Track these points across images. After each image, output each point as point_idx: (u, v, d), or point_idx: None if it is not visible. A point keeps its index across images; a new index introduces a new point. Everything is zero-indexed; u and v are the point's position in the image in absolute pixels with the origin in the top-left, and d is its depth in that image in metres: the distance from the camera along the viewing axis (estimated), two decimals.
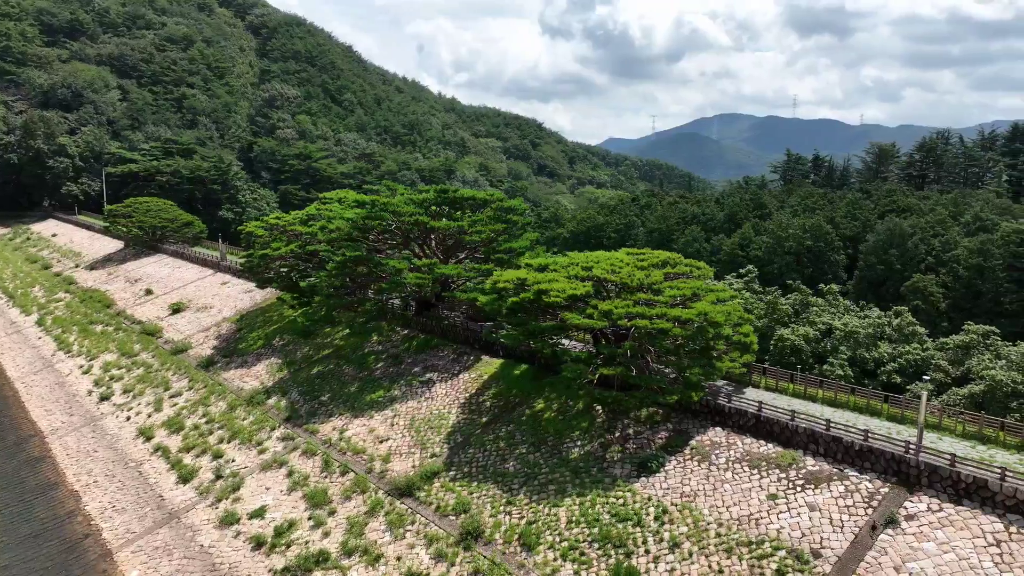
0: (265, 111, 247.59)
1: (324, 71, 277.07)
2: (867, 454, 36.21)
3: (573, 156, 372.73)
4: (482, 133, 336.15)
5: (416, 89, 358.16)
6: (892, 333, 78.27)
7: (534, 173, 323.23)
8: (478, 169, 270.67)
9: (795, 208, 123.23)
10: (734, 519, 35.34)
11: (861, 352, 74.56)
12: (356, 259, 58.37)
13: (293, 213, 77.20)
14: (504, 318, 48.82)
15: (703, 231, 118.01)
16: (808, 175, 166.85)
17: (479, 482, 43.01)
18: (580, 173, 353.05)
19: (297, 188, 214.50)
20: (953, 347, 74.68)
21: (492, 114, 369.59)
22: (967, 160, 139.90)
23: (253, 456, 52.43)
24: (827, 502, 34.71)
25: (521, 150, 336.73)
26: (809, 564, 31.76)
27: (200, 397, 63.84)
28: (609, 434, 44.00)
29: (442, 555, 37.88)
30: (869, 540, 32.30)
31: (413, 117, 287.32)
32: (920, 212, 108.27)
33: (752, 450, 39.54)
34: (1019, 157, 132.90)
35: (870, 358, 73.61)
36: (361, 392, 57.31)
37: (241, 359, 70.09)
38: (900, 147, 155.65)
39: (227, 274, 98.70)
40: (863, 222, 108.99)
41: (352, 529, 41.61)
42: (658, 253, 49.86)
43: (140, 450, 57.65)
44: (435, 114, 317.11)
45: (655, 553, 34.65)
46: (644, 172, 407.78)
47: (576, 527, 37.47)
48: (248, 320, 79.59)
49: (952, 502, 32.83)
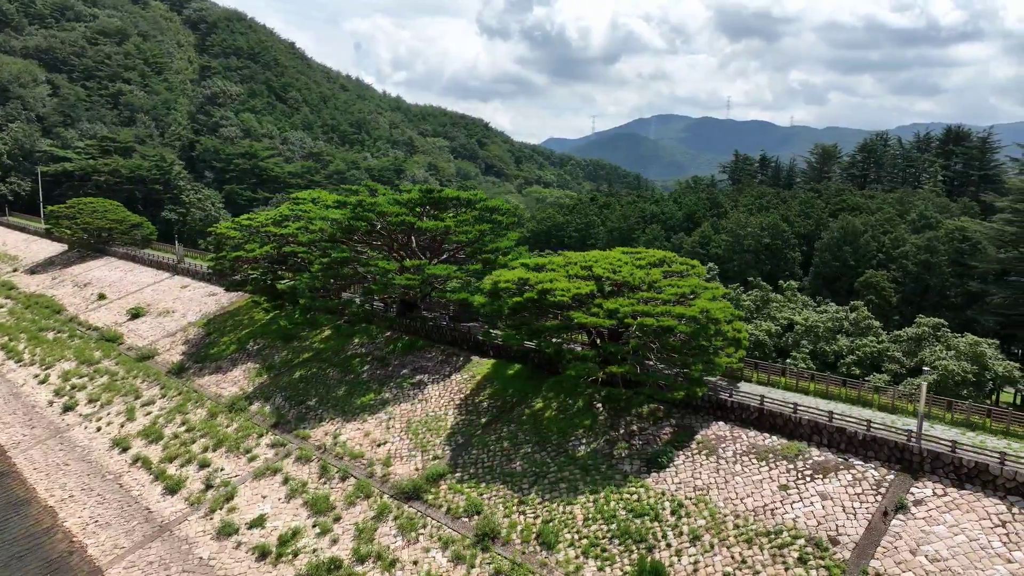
0: (207, 108, 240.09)
1: (268, 68, 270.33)
2: (870, 443, 37.76)
3: (519, 156, 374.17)
4: (428, 132, 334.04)
5: (361, 87, 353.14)
6: (849, 327, 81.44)
7: (482, 173, 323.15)
8: (427, 169, 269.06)
9: (749, 207, 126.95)
10: (749, 510, 36.35)
11: (821, 345, 77.52)
12: (343, 260, 57.36)
13: (264, 213, 75.23)
14: (505, 318, 48.77)
15: (663, 230, 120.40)
16: (755, 175, 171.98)
17: (487, 483, 42.96)
18: (527, 173, 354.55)
19: (243, 188, 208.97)
20: (906, 339, 78.40)
21: (438, 113, 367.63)
22: (905, 161, 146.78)
23: (243, 464, 50.99)
24: (837, 491, 36.06)
25: (468, 150, 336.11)
26: (828, 551, 32.96)
27: (176, 405, 61.65)
28: (613, 431, 44.57)
29: (460, 557, 37.72)
30: (882, 526, 33.73)
31: (360, 116, 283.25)
32: (868, 211, 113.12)
33: (757, 443, 40.72)
34: (952, 159, 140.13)
35: (830, 351, 76.53)
36: (350, 395, 56.39)
37: (215, 365, 67.96)
38: (831, 148, 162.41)
39: (186, 277, 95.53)
40: (816, 220, 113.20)
41: (361, 535, 40.99)
42: (653, 252, 50.77)
43: (117, 461, 55.32)
44: (381, 113, 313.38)
45: (676, 547, 35.35)
46: (588, 172, 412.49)
47: (594, 524, 37.87)
48: (216, 324, 77.20)
49: (955, 487, 34.58)
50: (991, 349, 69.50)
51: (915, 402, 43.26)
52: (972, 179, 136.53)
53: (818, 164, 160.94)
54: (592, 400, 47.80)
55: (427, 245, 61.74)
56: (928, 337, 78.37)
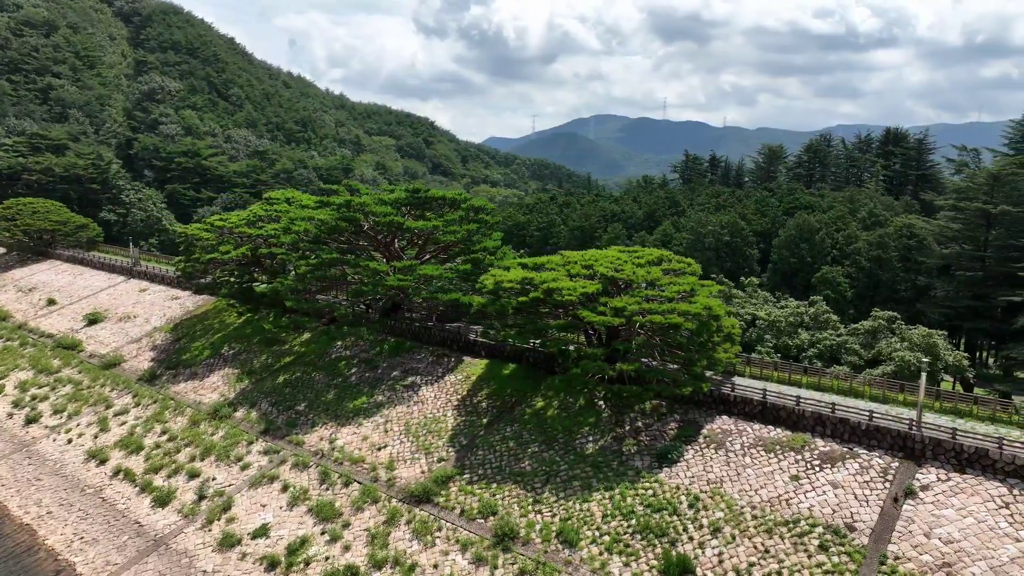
0: (145, 105, 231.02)
1: (207, 64, 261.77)
2: (873, 433, 39.36)
3: (465, 155, 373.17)
4: (374, 131, 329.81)
5: (303, 85, 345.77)
6: (809, 321, 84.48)
7: (429, 172, 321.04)
8: (375, 167, 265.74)
9: (705, 206, 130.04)
10: (765, 501, 37.40)
11: (784, 339, 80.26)
12: (332, 261, 56.26)
13: (236, 214, 73.00)
14: (508, 318, 48.74)
15: (624, 228, 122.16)
16: (706, 174, 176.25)
17: (498, 483, 42.90)
18: (473, 172, 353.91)
19: (186, 188, 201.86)
20: (863, 332, 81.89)
21: (383, 112, 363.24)
22: (848, 161, 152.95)
23: (236, 473, 49.48)
24: (847, 479, 37.46)
25: (414, 149, 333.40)
26: (847, 537, 34.22)
27: (153, 413, 59.31)
28: (619, 428, 45.14)
29: (481, 559, 37.58)
30: (894, 511, 35.23)
31: (305, 114, 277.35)
32: (820, 209, 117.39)
33: (763, 435, 41.91)
34: (891, 159, 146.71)
35: (792, 345, 79.28)
36: (341, 399, 55.38)
37: (190, 371, 65.66)
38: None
39: (143, 280, 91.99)
40: (772, 218, 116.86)
41: (374, 540, 40.37)
42: (650, 251, 51.57)
43: (96, 474, 52.89)
44: (326, 111, 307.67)
45: (699, 539, 36.09)
46: (533, 171, 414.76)
47: (613, 520, 38.29)
48: (185, 329, 74.57)
49: (957, 471, 36.38)
50: (942, 340, 73.58)
51: (875, 388, 46.26)
52: (910, 178, 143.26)
53: (765, 164, 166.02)
54: (594, 398, 48.28)
55: (416, 245, 61.12)
56: (883, 330, 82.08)
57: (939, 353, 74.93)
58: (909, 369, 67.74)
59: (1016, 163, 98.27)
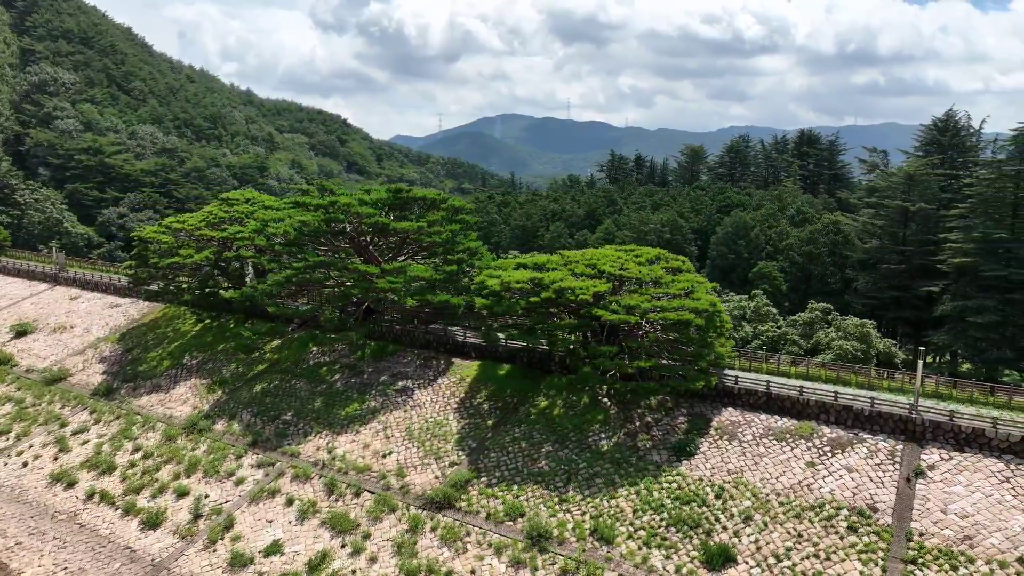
0: (35, 97, 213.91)
1: (105, 55, 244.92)
2: (876, 418, 41.90)
3: (380, 153, 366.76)
4: (286, 129, 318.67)
5: (208, 79, 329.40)
6: (751, 314, 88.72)
7: (344, 171, 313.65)
8: (291, 166, 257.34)
9: (641, 204, 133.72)
10: (787, 488, 39.12)
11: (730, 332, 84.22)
12: (316, 264, 54.28)
13: (193, 216, 68.98)
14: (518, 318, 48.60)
15: (566, 227, 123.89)
16: (632, 173, 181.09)
17: (519, 485, 42.80)
18: (389, 171, 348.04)
19: (89, 187, 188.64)
20: (802, 323, 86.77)
21: (293, 108, 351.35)
22: (767, 161, 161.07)
23: (230, 488, 47.01)
24: (859, 463, 39.73)
25: (328, 147, 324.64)
26: (871, 518, 36.32)
27: (119, 430, 55.40)
28: (629, 424, 45.99)
29: (519, 561, 37.42)
30: (909, 490, 37.69)
31: (214, 110, 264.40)
32: (751, 207, 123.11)
33: (771, 425, 43.78)
34: (807, 159, 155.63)
35: (737, 337, 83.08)
36: (330, 407, 53.59)
37: (151, 383, 61.69)
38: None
39: (72, 287, 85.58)
40: (707, 216, 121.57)
41: (401, 550, 39.42)
42: (647, 250, 52.66)
43: (65, 499, 48.95)
44: (235, 107, 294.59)
45: (732, 528, 37.34)
46: (448, 169, 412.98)
47: (644, 515, 39.02)
48: (134, 339, 69.96)
49: (957, 451, 39.29)
50: (873, 329, 79.28)
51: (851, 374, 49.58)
52: (824, 177, 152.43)
53: (688, 163, 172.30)
54: (597, 396, 48.95)
55: (400, 247, 59.88)
56: (819, 321, 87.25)
57: (872, 341, 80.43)
58: (846, 357, 72.48)
59: (928, 164, 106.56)
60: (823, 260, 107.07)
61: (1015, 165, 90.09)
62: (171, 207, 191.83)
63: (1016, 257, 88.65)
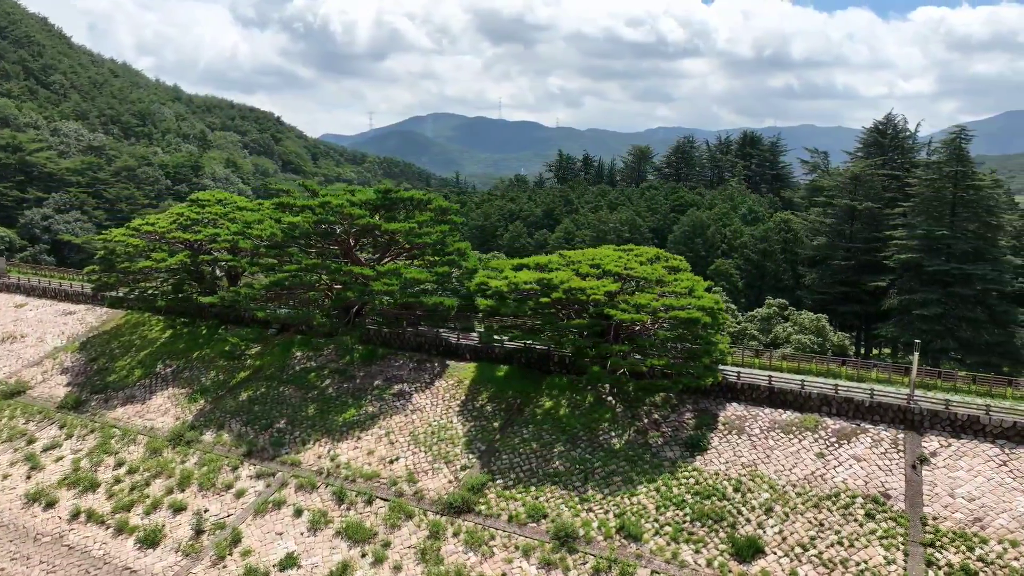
0: None
1: (20, 45, 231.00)
2: (876, 408, 43.74)
3: (316, 152, 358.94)
4: (217, 126, 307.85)
5: (132, 74, 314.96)
6: None
7: (280, 170, 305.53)
8: (226, 165, 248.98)
9: (595, 204, 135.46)
10: (802, 479, 40.42)
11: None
12: (309, 267, 52.72)
13: (161, 218, 65.74)
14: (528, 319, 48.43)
15: (525, 227, 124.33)
16: (580, 173, 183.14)
17: (536, 486, 42.73)
18: (326, 170, 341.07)
19: (8, 187, 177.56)
20: (760, 318, 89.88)
21: (224, 105, 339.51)
22: (712, 161, 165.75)
23: (230, 501, 45.17)
24: (866, 452, 41.42)
25: (262, 145, 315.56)
26: (886, 504, 37.92)
27: (96, 444, 52.44)
28: (638, 421, 46.57)
29: (549, 562, 37.38)
30: (916, 477, 39.53)
31: (142, 106, 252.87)
32: (704, 206, 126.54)
33: (776, 418, 45.13)
34: (750, 160, 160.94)
35: None
36: (325, 413, 52.17)
37: (125, 394, 58.62)
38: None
39: (17, 294, 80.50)
40: (663, 215, 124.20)
41: (425, 557, 38.78)
42: (645, 249, 53.39)
43: (46, 520, 46.00)
44: (164, 103, 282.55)
45: (756, 520, 38.32)
46: (385, 169, 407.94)
47: (667, 511, 39.59)
48: (97, 347, 66.30)
49: (954, 437, 41.43)
50: (827, 323, 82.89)
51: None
52: (766, 177, 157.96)
53: (635, 164, 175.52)
54: (601, 394, 49.37)
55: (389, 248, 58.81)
56: (776, 316, 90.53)
57: (827, 334, 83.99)
58: (804, 350, 75.60)
59: (872, 165, 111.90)
60: (776, 257, 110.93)
61: (953, 167, 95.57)
62: (100, 208, 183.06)
63: (955, 253, 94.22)
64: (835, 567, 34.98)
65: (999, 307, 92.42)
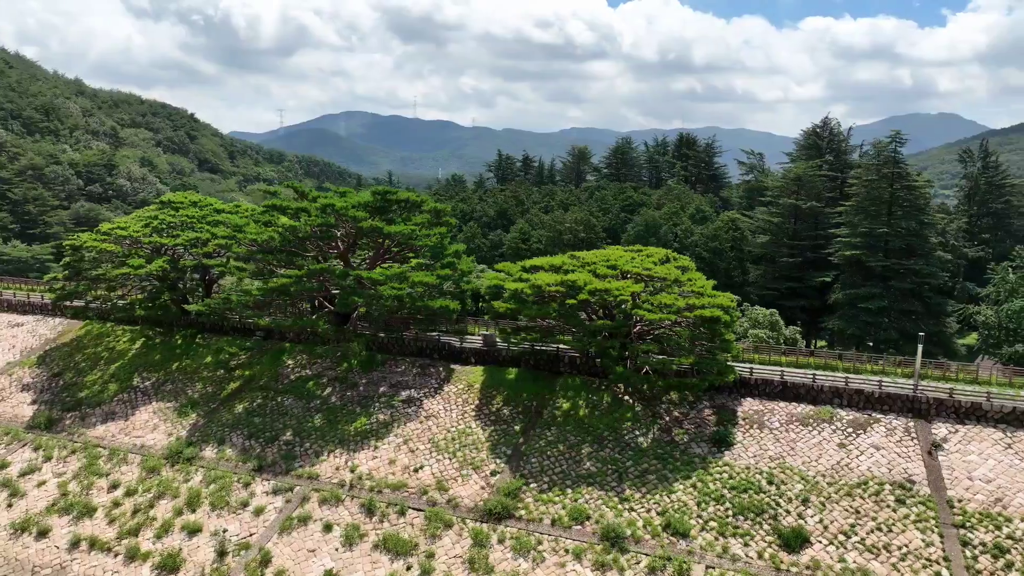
0: None
1: None
2: (884, 399, 46.09)
3: (233, 151, 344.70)
4: (127, 123, 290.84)
5: (28, 65, 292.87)
6: None
7: (197, 168, 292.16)
8: (141, 163, 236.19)
9: (544, 205, 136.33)
10: (829, 469, 42.08)
11: None
12: (315, 272, 50.70)
13: (129, 220, 61.51)
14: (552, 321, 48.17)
15: (479, 227, 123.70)
16: (519, 174, 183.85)
17: (572, 488, 42.69)
18: (244, 169, 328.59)
19: None
20: None
21: (134, 101, 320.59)
22: (650, 162, 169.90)
23: (249, 519, 42.89)
24: (883, 441, 43.57)
25: (177, 143, 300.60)
26: (912, 490, 40.01)
27: (81, 466, 48.66)
28: (660, 420, 47.29)
29: (603, 564, 37.42)
30: (933, 462, 41.89)
31: (44, 100, 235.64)
32: (653, 206, 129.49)
33: (792, 411, 46.83)
34: (687, 160, 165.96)
35: None
36: (333, 423, 50.36)
37: (102, 410, 54.67)
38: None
39: None
40: (615, 215, 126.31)
41: (475, 566, 38.06)
42: (655, 250, 54.17)
43: (42, 550, 42.33)
44: (68, 98, 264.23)
45: (795, 511, 39.60)
46: (306, 168, 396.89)
47: (708, 507, 40.38)
48: (59, 361, 61.55)
49: (959, 424, 44.19)
50: (780, 318, 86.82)
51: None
52: (703, 177, 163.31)
53: (574, 164, 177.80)
54: (618, 394, 49.86)
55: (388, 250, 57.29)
56: None
57: (781, 328, 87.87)
58: (761, 343, 78.93)
59: (813, 167, 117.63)
60: (727, 255, 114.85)
61: (890, 168, 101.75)
62: (4, 210, 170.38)
63: (892, 249, 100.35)
64: (879, 552, 36.65)
65: (933, 300, 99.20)
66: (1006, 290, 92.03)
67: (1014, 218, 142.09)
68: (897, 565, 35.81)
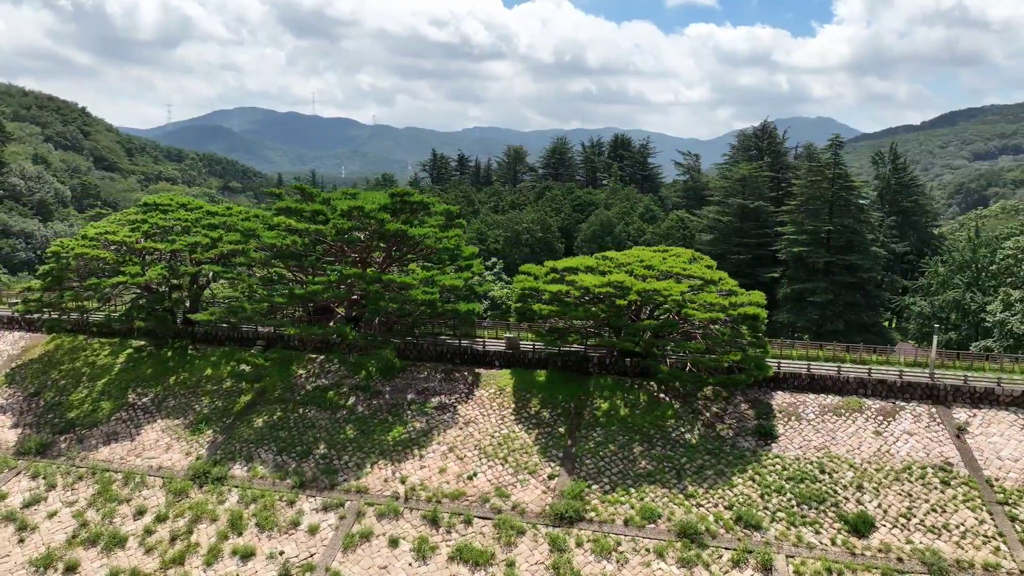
0: None
1: None
2: (905, 387, 49.08)
3: (131, 148, 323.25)
4: (8, 116, 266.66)
5: None
6: None
7: (93, 167, 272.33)
8: (34, 161, 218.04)
9: (493, 205, 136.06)
10: (872, 456, 44.37)
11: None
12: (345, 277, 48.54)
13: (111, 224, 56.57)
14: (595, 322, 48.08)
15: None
16: (455, 173, 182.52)
17: (634, 487, 42.98)
18: (144, 167, 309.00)
19: None
20: None
21: (16, 93, 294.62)
22: (587, 162, 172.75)
23: (304, 539, 40.61)
24: (913, 427, 46.39)
25: (69, 139, 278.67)
26: (952, 472, 42.81)
27: (95, 493, 44.49)
28: (700, 415, 48.39)
29: (688, 561, 37.90)
30: (963, 444, 44.98)
31: None
32: (603, 205, 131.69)
33: (823, 403, 49.06)
34: (623, 160, 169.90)
35: None
36: (367, 434, 48.46)
37: (102, 431, 50.20)
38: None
39: None
40: (567, 215, 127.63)
41: (560, 571, 37.65)
42: (681, 250, 55.18)
43: None
44: None
45: (853, 498, 41.50)
46: (209, 167, 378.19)
47: (772, 498, 41.69)
48: (34, 380, 56.06)
49: (976, 408, 47.66)
50: None
51: None
52: (637, 178, 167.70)
53: (510, 164, 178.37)
54: (652, 392, 50.62)
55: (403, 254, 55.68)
56: None
57: None
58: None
59: (756, 167, 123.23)
60: None
61: (832, 170, 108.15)
62: None
63: (835, 245, 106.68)
64: (940, 532, 39.03)
65: (873, 293, 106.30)
66: (938, 282, 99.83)
67: (920, 215, 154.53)
68: (960, 543, 38.25)
